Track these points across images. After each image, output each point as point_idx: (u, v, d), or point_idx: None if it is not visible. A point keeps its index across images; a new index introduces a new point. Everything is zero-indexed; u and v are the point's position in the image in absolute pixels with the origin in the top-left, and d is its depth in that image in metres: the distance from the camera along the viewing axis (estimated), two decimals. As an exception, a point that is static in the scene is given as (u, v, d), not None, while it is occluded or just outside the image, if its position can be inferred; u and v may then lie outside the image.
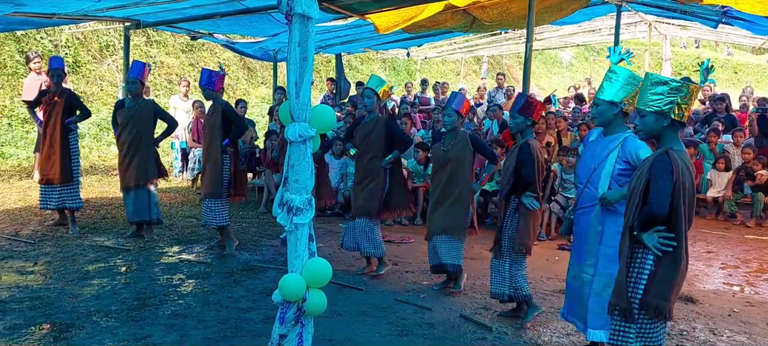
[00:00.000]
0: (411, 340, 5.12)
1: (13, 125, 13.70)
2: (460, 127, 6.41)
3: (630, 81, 4.46)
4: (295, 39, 3.51)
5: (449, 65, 27.55)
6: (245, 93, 19.14)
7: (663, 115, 3.60)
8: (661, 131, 3.65)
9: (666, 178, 3.48)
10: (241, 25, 10.55)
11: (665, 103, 3.59)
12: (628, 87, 4.45)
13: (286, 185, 3.67)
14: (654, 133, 3.68)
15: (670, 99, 3.58)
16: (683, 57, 29.81)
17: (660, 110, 3.60)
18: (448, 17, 9.14)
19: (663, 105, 3.60)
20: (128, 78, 8.02)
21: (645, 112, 3.66)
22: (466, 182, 6.29)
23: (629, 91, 4.45)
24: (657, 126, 3.64)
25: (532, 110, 5.50)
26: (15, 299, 5.68)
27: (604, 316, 4.48)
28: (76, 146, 8.49)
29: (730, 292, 6.77)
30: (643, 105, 3.66)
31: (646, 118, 3.67)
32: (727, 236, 9.42)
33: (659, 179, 3.48)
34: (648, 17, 14.35)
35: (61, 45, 15.59)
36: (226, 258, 7.34)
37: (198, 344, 4.87)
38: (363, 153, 6.88)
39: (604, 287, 4.48)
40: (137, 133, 7.89)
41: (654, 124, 3.64)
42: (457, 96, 6.39)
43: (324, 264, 3.72)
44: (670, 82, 3.60)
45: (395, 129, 6.91)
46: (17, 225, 8.49)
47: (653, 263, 3.56)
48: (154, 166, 8.02)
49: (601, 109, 4.56)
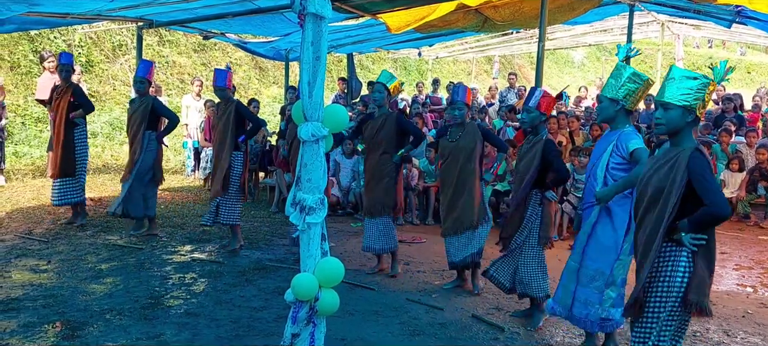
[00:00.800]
0: (423, 340, 5.11)
1: (27, 124, 13.79)
2: (467, 119, 6.38)
3: (633, 79, 4.48)
4: (308, 38, 3.51)
5: (460, 65, 27.51)
6: (257, 93, 19.19)
7: (690, 110, 3.49)
8: (683, 127, 3.53)
9: (711, 175, 3.41)
10: (253, 25, 10.57)
11: (694, 98, 3.49)
12: (629, 85, 4.48)
13: (299, 184, 3.67)
14: (677, 128, 3.54)
15: (698, 95, 3.48)
16: (696, 57, 29.63)
17: (688, 105, 3.48)
18: (460, 17, 9.12)
19: (692, 100, 3.49)
20: (136, 77, 8.14)
21: (672, 105, 3.50)
22: (476, 171, 6.26)
23: (631, 89, 4.48)
24: (682, 121, 3.51)
25: (545, 104, 5.49)
26: (29, 297, 5.72)
27: (588, 308, 4.65)
28: (81, 141, 8.57)
29: (743, 293, 6.73)
30: (671, 98, 3.51)
31: (672, 112, 3.52)
32: (740, 236, 9.36)
33: (709, 177, 3.39)
34: (661, 17, 14.28)
35: (75, 44, 15.68)
36: (238, 257, 7.36)
37: (210, 342, 4.88)
38: (373, 149, 6.79)
39: (590, 279, 4.61)
40: (136, 129, 8.02)
41: (679, 119, 3.51)
42: (460, 88, 6.33)
43: (336, 264, 3.72)
44: (700, 78, 3.49)
45: (406, 124, 6.87)
46: (31, 223, 8.54)
47: (688, 260, 3.49)
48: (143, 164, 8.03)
49: (603, 105, 4.65)
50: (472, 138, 6.24)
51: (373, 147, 6.79)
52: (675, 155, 3.50)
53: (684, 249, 3.48)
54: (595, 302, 4.63)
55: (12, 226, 8.36)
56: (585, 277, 4.67)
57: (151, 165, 8.07)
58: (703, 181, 3.38)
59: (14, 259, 6.92)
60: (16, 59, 14.47)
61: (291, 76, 14.90)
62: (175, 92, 17.02)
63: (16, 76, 14.30)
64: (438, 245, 8.01)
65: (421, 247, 8.31)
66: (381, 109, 6.79)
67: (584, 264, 4.66)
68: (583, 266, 4.66)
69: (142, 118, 7.97)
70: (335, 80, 18.40)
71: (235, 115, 7.49)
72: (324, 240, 3.74)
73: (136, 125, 8.02)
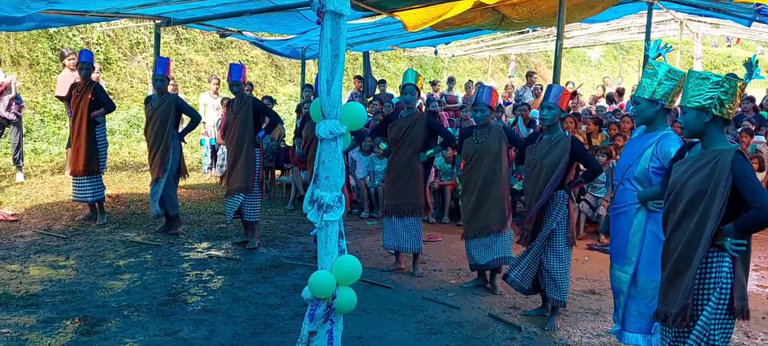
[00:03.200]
0: (439, 339, 5.10)
1: (46, 121, 13.90)
2: (491, 121, 6.35)
3: (670, 76, 4.32)
4: (326, 36, 3.50)
5: (476, 63, 27.44)
6: (273, 90, 19.24)
7: (704, 110, 3.45)
8: (703, 128, 3.49)
9: (756, 176, 3.34)
10: (269, 23, 10.58)
11: (706, 98, 3.44)
12: (667, 83, 4.32)
13: (317, 182, 3.67)
14: (696, 130, 3.52)
15: (710, 94, 3.43)
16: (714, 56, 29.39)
17: (700, 106, 3.45)
18: (477, 15, 9.07)
19: (704, 100, 3.44)
20: (155, 75, 8.11)
21: (686, 108, 3.51)
22: (503, 173, 6.22)
23: (670, 87, 4.32)
24: (698, 122, 3.48)
25: (564, 100, 5.44)
26: (48, 292, 5.77)
27: (642, 320, 4.45)
28: (102, 139, 8.64)
29: (763, 294, 6.66)
30: (685, 102, 3.52)
31: (687, 114, 3.52)
32: (759, 237, 9.24)
33: (755, 179, 3.32)
34: (679, 15, 14.15)
35: (93, 42, 15.79)
36: (255, 254, 7.38)
37: (227, 339, 4.90)
38: (400, 149, 6.73)
39: (648, 294, 4.39)
40: (159, 126, 7.99)
41: (695, 120, 3.49)
42: (485, 89, 6.27)
43: (354, 261, 3.72)
44: (711, 77, 3.46)
45: (437, 126, 6.84)
46: (49, 220, 8.61)
47: (730, 266, 3.41)
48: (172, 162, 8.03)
49: (641, 107, 4.45)
50: (498, 140, 6.21)
51: (400, 147, 6.73)
52: (714, 157, 3.41)
53: (726, 255, 3.40)
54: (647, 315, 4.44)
55: (31, 222, 8.44)
56: (639, 291, 4.46)
57: (177, 163, 8.11)
58: (749, 182, 3.31)
59: (33, 255, 6.98)
60: (35, 57, 14.59)
61: (307, 74, 14.92)
62: (192, 90, 17.09)
63: (35, 74, 14.43)
64: (454, 244, 7.99)
65: (437, 245, 8.29)
66: (410, 109, 6.76)
67: (639, 277, 4.45)
68: (639, 279, 4.45)
69: (166, 116, 7.96)
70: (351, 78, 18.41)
71: (254, 112, 7.51)
72: (341, 238, 3.74)
73: (158, 123, 7.96)
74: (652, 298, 4.32)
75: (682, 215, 3.50)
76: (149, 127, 8.11)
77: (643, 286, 4.44)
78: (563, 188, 5.40)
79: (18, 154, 10.84)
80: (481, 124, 6.27)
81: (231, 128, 7.68)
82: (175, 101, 8.09)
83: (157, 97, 8.08)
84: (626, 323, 4.54)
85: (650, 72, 4.39)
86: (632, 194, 4.46)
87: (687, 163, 3.57)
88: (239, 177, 7.51)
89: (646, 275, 4.41)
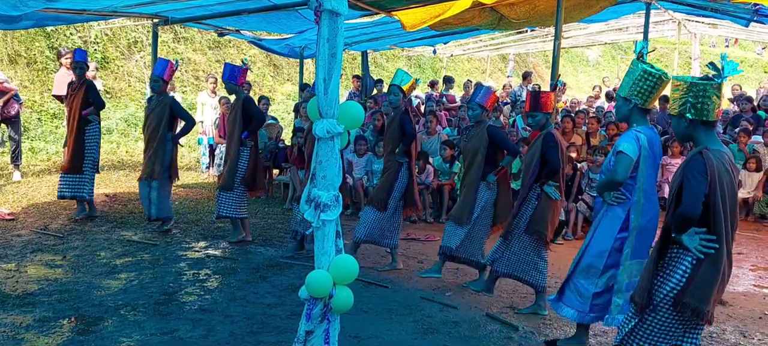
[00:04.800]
0: (436, 338, 5.10)
1: (43, 120, 13.87)
2: (485, 120, 6.44)
3: (644, 77, 4.39)
4: (324, 35, 3.49)
5: (475, 63, 27.44)
6: (271, 90, 19.24)
7: (680, 116, 3.61)
8: (686, 132, 3.65)
9: (699, 179, 3.43)
10: (268, 22, 10.58)
11: (680, 104, 3.61)
12: (641, 83, 4.39)
13: (314, 181, 3.66)
14: (682, 135, 3.69)
15: (682, 100, 3.60)
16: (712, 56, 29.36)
17: (678, 112, 3.63)
18: (476, 15, 9.07)
19: (678, 106, 3.62)
20: (152, 75, 8.18)
21: (671, 115, 3.72)
22: (478, 173, 6.38)
23: (642, 87, 4.39)
24: (680, 127, 3.66)
25: (546, 103, 5.65)
26: (44, 292, 5.75)
27: (577, 298, 4.72)
28: (92, 138, 8.66)
29: (760, 294, 6.67)
30: (670, 108, 3.72)
31: (672, 120, 3.72)
32: (757, 237, 9.27)
33: (692, 180, 3.45)
34: (677, 15, 14.16)
35: (90, 41, 15.77)
36: (252, 254, 7.37)
37: (224, 339, 4.89)
38: (384, 147, 7.16)
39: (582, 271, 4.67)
40: (154, 128, 8.03)
41: (677, 126, 3.68)
42: (481, 89, 6.45)
43: (351, 261, 3.71)
44: (681, 83, 3.63)
45: (405, 122, 6.90)
46: (46, 219, 8.59)
47: (691, 264, 3.51)
48: (161, 165, 8.05)
49: (618, 104, 4.63)
50: (478, 140, 6.38)
51: (384, 145, 7.14)
52: (686, 159, 3.60)
53: (689, 253, 3.52)
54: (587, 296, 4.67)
55: (28, 221, 8.42)
56: (580, 270, 4.70)
57: (167, 165, 8.11)
58: (686, 182, 3.47)
59: (30, 254, 6.97)
60: (32, 55, 14.57)
61: (305, 73, 14.91)
62: (190, 89, 17.08)
63: (32, 73, 14.40)
64: (452, 244, 7.98)
65: (435, 245, 8.25)
66: (396, 110, 6.92)
67: (583, 257, 4.70)
68: (583, 258, 4.70)
69: (161, 117, 7.99)
70: (350, 78, 18.40)
71: (242, 111, 7.60)
72: (338, 237, 3.73)
73: (153, 126, 8.01)
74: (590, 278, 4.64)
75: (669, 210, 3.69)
76: (145, 127, 8.19)
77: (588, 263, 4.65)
78: (538, 182, 5.65)
79: (15, 152, 10.82)
80: (474, 123, 6.47)
81: (227, 128, 7.94)
82: (170, 104, 8.10)
83: (155, 97, 8.10)
84: (564, 297, 4.84)
85: (630, 70, 4.50)
86: None
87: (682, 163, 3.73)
88: (223, 175, 7.80)
89: (589, 258, 4.65)
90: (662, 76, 4.38)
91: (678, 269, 3.55)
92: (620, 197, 4.46)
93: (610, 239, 4.53)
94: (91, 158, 8.64)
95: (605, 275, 4.58)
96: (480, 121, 6.37)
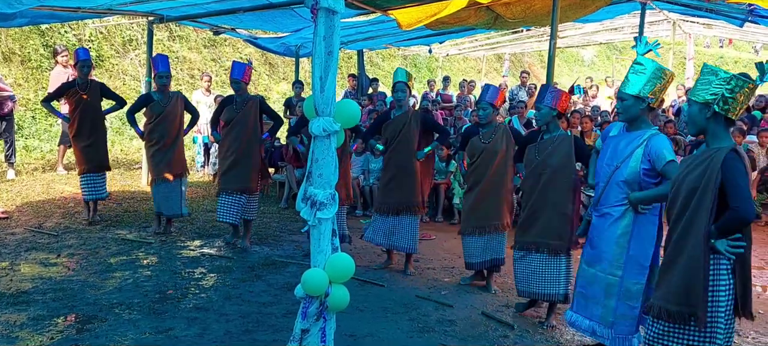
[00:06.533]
0: (432, 337, 5.09)
1: (37, 118, 13.82)
2: (495, 119, 6.34)
3: (658, 74, 4.26)
4: (320, 33, 3.49)
5: (470, 62, 27.45)
6: (267, 89, 19.20)
7: (707, 105, 3.43)
8: (705, 125, 3.47)
9: (744, 178, 3.31)
10: (263, 20, 10.56)
11: (710, 93, 3.41)
12: (655, 80, 4.25)
13: (310, 180, 3.65)
14: (699, 125, 3.50)
15: (715, 90, 3.40)
16: (706, 57, 29.46)
17: (704, 101, 3.43)
18: (472, 14, 9.08)
19: (708, 95, 3.42)
20: (160, 72, 7.76)
21: (692, 102, 3.50)
22: (508, 174, 6.25)
23: (656, 85, 4.25)
24: (700, 117, 3.47)
25: (558, 100, 5.40)
26: (38, 290, 5.73)
27: (630, 322, 4.43)
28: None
29: (755, 293, 6.68)
30: (693, 95, 3.50)
31: (692, 107, 3.51)
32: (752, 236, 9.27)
33: (740, 180, 3.30)
34: (672, 15, 14.20)
35: (85, 39, 15.71)
36: (247, 253, 7.36)
37: (219, 337, 4.88)
38: (396, 148, 6.71)
39: (633, 295, 4.37)
40: (177, 125, 7.95)
41: (698, 114, 3.48)
42: (490, 89, 6.28)
43: (347, 259, 3.70)
44: (719, 73, 3.41)
45: (433, 122, 6.83)
46: (41, 217, 8.56)
47: (727, 270, 3.40)
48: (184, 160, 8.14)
49: (627, 103, 4.35)
50: (504, 141, 6.21)
51: (397, 146, 6.71)
52: (710, 155, 3.41)
53: (722, 259, 3.39)
54: (634, 317, 4.44)
55: (22, 220, 8.39)
56: (626, 293, 4.41)
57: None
58: (733, 183, 3.30)
59: (24, 252, 6.94)
60: (27, 53, 14.51)
61: (301, 72, 14.88)
62: (185, 88, 17.02)
63: (26, 71, 14.34)
64: (448, 242, 7.99)
65: (430, 243, 8.29)
66: (402, 108, 6.74)
67: (625, 279, 4.40)
68: (625, 281, 4.40)
69: (179, 113, 7.93)
70: (345, 77, 18.39)
71: (260, 112, 7.54)
72: (334, 235, 3.72)
73: (172, 121, 7.86)
74: (637, 299, 4.36)
75: (679, 211, 3.50)
76: (161, 126, 7.83)
77: (629, 288, 4.39)
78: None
79: (9, 151, 10.78)
80: (485, 123, 6.25)
81: (234, 126, 7.51)
82: (184, 100, 8.06)
83: (162, 95, 7.84)
84: (616, 325, 4.49)
85: (639, 68, 4.31)
86: (619, 195, 4.40)
87: (688, 160, 3.56)
88: (243, 177, 7.49)
89: (632, 278, 4.38)
90: (673, 74, 4.29)
91: (721, 278, 3.41)
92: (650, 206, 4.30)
93: (650, 250, 4.33)
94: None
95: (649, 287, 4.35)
96: (491, 121, 6.23)
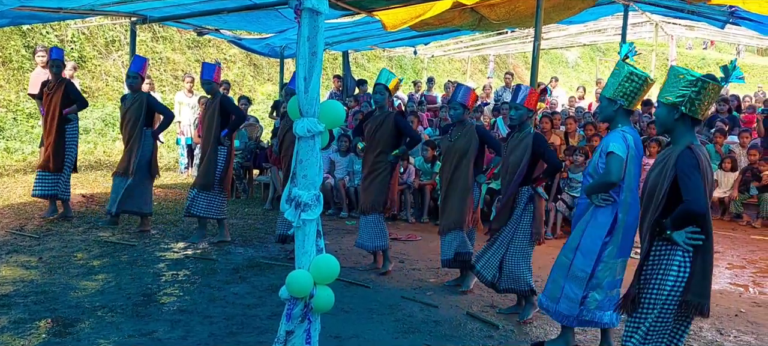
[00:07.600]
0: (417, 337, 5.09)
1: (19, 120, 13.70)
2: (467, 120, 6.38)
3: (630, 78, 4.42)
4: (304, 34, 3.48)
5: (456, 64, 27.49)
6: (251, 90, 19.14)
7: (674, 107, 3.58)
8: (672, 125, 3.63)
9: (696, 174, 3.44)
10: (248, 21, 10.53)
11: (677, 95, 3.58)
12: (626, 84, 4.42)
13: (294, 181, 3.64)
14: (666, 126, 3.66)
15: (682, 92, 3.56)
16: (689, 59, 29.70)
17: (671, 102, 3.59)
18: (456, 15, 9.10)
19: (675, 97, 3.58)
20: (129, 72, 8.07)
21: (660, 103, 3.66)
22: (469, 173, 6.25)
23: (628, 88, 4.42)
24: (668, 119, 3.62)
25: (531, 100, 5.59)
26: (19, 293, 5.67)
27: (571, 306, 4.66)
28: (71, 137, 8.62)
29: (736, 292, 6.73)
30: (661, 96, 3.66)
31: (659, 109, 3.68)
32: (732, 236, 9.37)
33: (691, 176, 3.43)
34: (655, 17, 14.28)
35: (67, 40, 15.59)
36: (232, 254, 7.33)
37: (203, 339, 4.85)
38: (371, 148, 6.81)
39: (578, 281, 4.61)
40: (132, 125, 7.98)
41: (666, 116, 3.64)
42: (461, 89, 6.33)
43: (332, 261, 3.69)
44: (686, 75, 3.57)
45: (404, 126, 6.85)
46: (22, 219, 8.48)
47: (683, 260, 3.51)
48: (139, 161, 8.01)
49: (602, 105, 4.65)
50: (468, 139, 6.23)
51: (371, 146, 6.80)
52: (669, 153, 3.57)
53: (678, 248, 3.51)
54: (576, 300, 4.64)
55: (3, 222, 8.30)
56: (570, 272, 4.67)
57: (147, 161, 8.05)
58: (685, 178, 3.45)
59: (5, 255, 6.87)
60: (8, 54, 14.38)
61: (286, 73, 14.84)
62: (169, 89, 16.94)
63: (7, 72, 14.22)
64: (433, 243, 7.98)
65: (416, 244, 8.30)
66: (382, 109, 6.79)
67: (575, 263, 4.64)
68: (574, 264, 4.65)
69: (138, 114, 7.95)
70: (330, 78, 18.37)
71: (220, 110, 7.56)
72: (319, 237, 3.71)
73: (131, 122, 7.98)
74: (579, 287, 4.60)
75: (644, 210, 3.70)
76: (123, 126, 8.13)
77: (575, 274, 4.62)
78: (527, 184, 5.55)
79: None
80: (456, 123, 6.31)
81: (202, 126, 7.86)
82: (147, 99, 8.04)
83: (130, 95, 8.06)
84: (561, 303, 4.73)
85: (615, 72, 4.52)
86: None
87: (656, 159, 3.73)
88: (201, 173, 7.73)
89: (579, 263, 4.60)
90: (647, 78, 4.43)
91: (671, 268, 3.54)
92: (608, 198, 4.48)
93: (598, 242, 4.52)
94: (69, 158, 8.61)
95: (594, 279, 4.58)
96: (462, 120, 6.32)
